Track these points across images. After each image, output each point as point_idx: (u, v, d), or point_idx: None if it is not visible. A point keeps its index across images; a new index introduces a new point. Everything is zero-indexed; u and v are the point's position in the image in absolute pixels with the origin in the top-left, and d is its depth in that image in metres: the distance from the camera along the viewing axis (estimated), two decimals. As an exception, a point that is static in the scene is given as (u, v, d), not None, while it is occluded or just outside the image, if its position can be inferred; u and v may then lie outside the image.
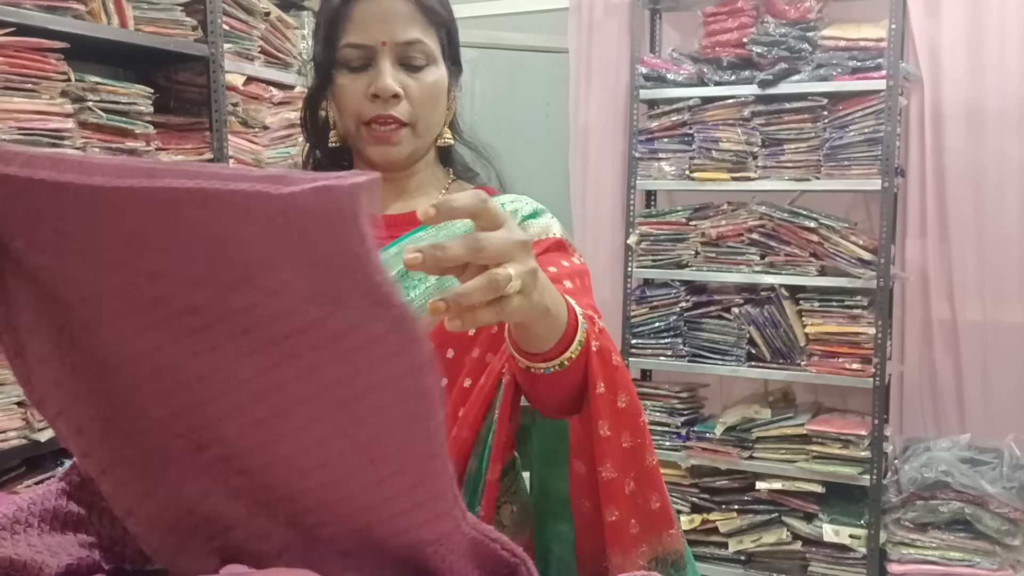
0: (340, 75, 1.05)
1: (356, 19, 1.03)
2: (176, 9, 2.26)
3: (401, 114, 1.04)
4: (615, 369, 0.89)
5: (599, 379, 0.88)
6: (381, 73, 1.02)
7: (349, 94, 1.04)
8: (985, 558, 2.65)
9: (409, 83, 1.04)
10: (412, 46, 1.03)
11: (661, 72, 3.09)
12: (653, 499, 0.97)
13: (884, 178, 2.76)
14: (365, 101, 1.03)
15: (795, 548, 2.94)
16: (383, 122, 1.04)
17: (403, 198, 1.12)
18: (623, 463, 0.93)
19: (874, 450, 2.79)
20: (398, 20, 1.02)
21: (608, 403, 0.90)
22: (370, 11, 1.02)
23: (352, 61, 1.04)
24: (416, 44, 1.03)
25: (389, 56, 1.03)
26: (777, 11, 2.89)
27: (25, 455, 1.91)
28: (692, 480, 3.08)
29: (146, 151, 2.18)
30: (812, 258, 2.87)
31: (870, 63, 2.78)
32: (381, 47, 1.02)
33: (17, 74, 1.89)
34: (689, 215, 3.09)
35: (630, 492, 0.94)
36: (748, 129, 2.95)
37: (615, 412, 0.91)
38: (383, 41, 1.02)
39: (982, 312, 2.89)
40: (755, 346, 2.98)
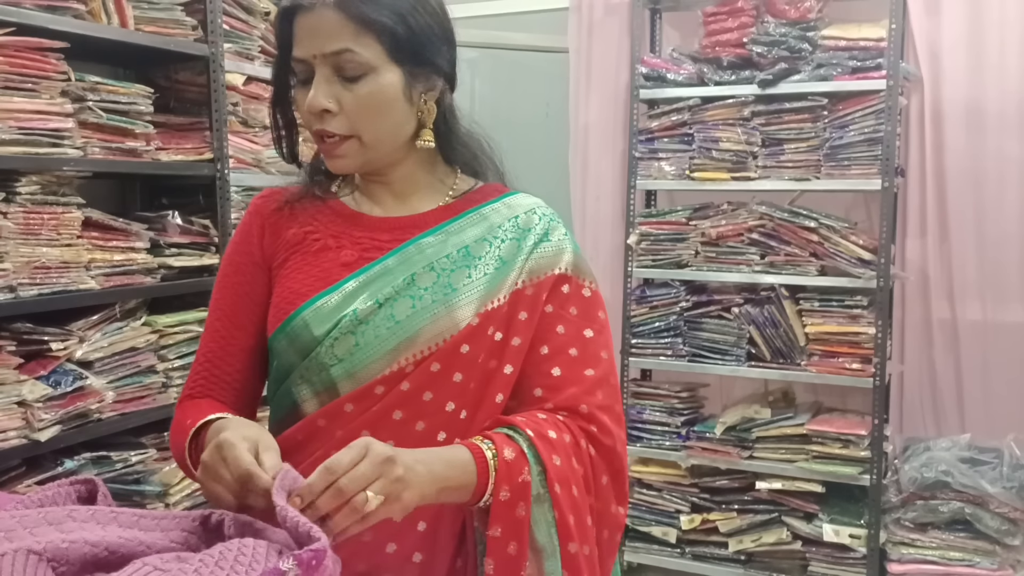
0: (294, 87, 1.07)
1: (297, 33, 1.02)
2: (176, 9, 2.26)
3: (338, 128, 1.03)
4: (516, 520, 0.96)
5: (497, 524, 0.96)
6: (313, 89, 1.02)
7: (299, 107, 1.06)
8: (985, 558, 2.65)
9: (344, 95, 1.02)
10: (341, 56, 1.00)
11: (661, 72, 3.09)
12: None
13: (884, 178, 2.76)
14: (308, 115, 1.04)
15: (795, 548, 2.94)
16: (324, 136, 1.04)
17: (401, 198, 1.12)
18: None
19: (874, 450, 2.79)
20: (324, 32, 1.00)
21: (499, 546, 0.96)
22: (305, 24, 1.01)
23: (300, 74, 1.04)
24: (344, 54, 1.00)
25: (323, 69, 1.01)
26: (777, 11, 2.89)
27: (25, 455, 1.91)
28: (692, 480, 3.08)
29: (146, 151, 2.18)
30: (812, 258, 2.87)
31: (870, 63, 2.78)
32: (313, 60, 1.02)
33: (17, 74, 1.89)
34: (689, 215, 3.09)
35: None
36: (748, 129, 2.95)
37: (505, 557, 0.96)
38: (313, 54, 1.01)
39: (982, 312, 2.89)
40: (755, 346, 2.98)
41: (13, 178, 1.91)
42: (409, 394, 1.02)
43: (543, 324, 1.06)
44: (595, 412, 1.03)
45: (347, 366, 1.03)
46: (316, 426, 1.04)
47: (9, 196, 1.90)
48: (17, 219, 1.90)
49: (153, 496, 2.15)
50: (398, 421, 1.02)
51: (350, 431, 1.00)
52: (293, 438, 1.05)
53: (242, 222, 1.18)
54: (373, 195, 1.13)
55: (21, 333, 1.93)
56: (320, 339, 1.03)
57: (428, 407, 1.02)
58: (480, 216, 1.11)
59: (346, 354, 1.03)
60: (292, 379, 1.06)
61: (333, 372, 1.03)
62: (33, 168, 1.93)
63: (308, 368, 1.05)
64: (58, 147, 1.96)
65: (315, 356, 1.04)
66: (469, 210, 1.11)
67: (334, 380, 1.03)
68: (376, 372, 1.02)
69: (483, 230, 1.09)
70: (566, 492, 0.98)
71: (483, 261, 1.07)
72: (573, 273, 1.10)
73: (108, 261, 2.10)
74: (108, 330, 2.10)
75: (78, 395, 1.99)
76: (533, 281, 1.07)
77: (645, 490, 3.15)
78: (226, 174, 2.39)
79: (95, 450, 2.06)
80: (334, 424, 1.03)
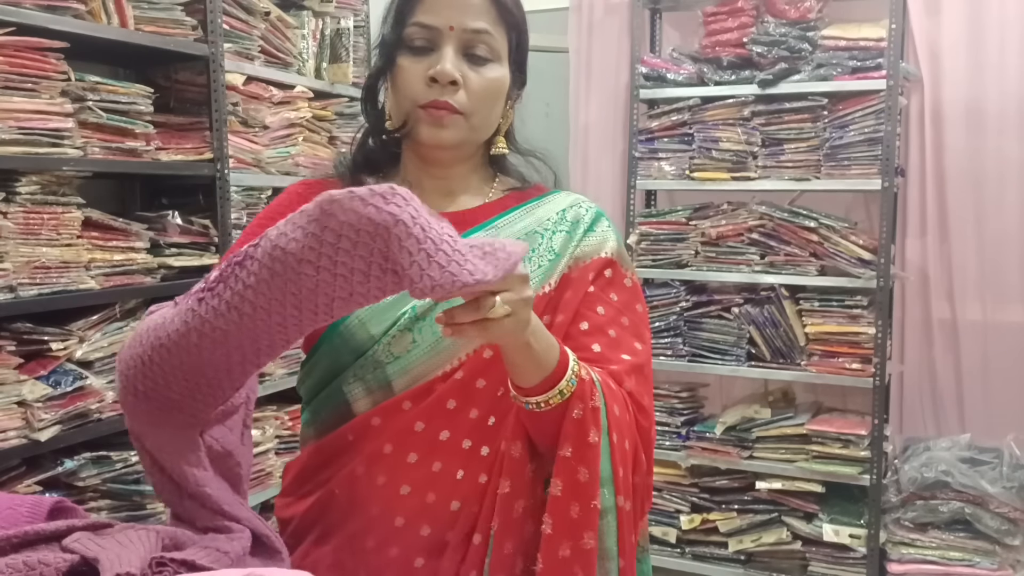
0: (402, 56, 1.04)
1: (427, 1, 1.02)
2: (176, 9, 2.26)
3: (457, 102, 1.02)
4: (588, 445, 0.95)
5: (567, 443, 0.96)
6: (442, 58, 1.01)
7: (408, 75, 1.03)
8: (985, 558, 2.65)
9: (469, 74, 1.03)
10: (479, 36, 1.02)
11: (661, 72, 3.09)
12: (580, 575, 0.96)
13: (884, 178, 2.76)
14: (422, 84, 1.02)
15: (795, 548, 2.94)
16: (438, 107, 1.03)
17: (451, 195, 1.12)
18: (563, 528, 0.96)
19: (874, 450, 2.79)
20: (469, 8, 1.02)
21: (568, 468, 0.96)
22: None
23: (416, 41, 1.03)
24: (483, 35, 1.02)
25: (454, 42, 1.02)
26: (777, 11, 2.89)
27: (25, 455, 1.91)
28: (692, 480, 3.09)
29: (146, 151, 2.18)
30: (812, 258, 2.87)
31: (870, 63, 2.78)
32: (448, 31, 1.01)
33: (17, 73, 1.89)
34: (689, 215, 3.09)
35: (562, 557, 0.95)
36: (748, 129, 2.95)
37: (572, 481, 0.96)
38: (451, 26, 1.01)
39: (982, 312, 2.89)
40: (755, 346, 2.98)
41: (13, 178, 1.91)
42: (462, 382, 1.02)
43: (585, 302, 1.07)
44: (634, 393, 1.03)
45: (404, 363, 1.03)
46: (370, 425, 1.03)
47: (9, 196, 1.90)
48: (17, 219, 1.90)
49: (153, 496, 2.15)
50: (452, 410, 1.02)
51: (404, 424, 1.01)
52: (344, 437, 1.05)
53: (278, 201, 1.14)
54: (424, 190, 1.11)
55: (21, 333, 1.93)
56: (377, 337, 1.03)
57: (480, 394, 1.03)
58: (526, 211, 1.12)
59: (403, 352, 1.03)
60: (343, 378, 1.05)
61: (389, 370, 1.03)
62: (33, 168, 1.93)
63: (362, 367, 1.04)
64: (58, 147, 1.96)
65: (371, 354, 1.03)
66: (516, 206, 1.12)
67: (389, 378, 1.03)
68: (435, 369, 1.03)
69: (531, 222, 1.10)
70: (620, 444, 0.98)
71: (537, 253, 1.08)
72: (617, 259, 1.12)
73: (108, 261, 2.10)
74: (108, 330, 2.10)
75: (78, 395, 1.99)
76: (579, 265, 1.09)
77: (645, 490, 3.14)
78: (226, 174, 2.39)
79: (95, 450, 2.06)
80: (390, 421, 1.03)
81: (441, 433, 1.02)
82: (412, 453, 1.02)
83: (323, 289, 0.77)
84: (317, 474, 1.07)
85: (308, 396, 1.12)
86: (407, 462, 1.02)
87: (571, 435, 0.95)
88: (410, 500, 1.01)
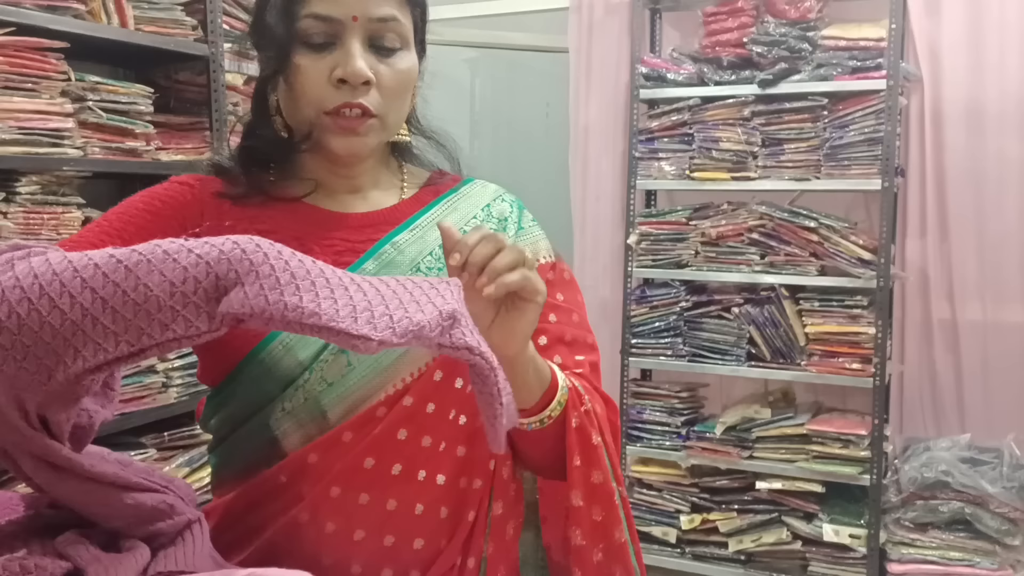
0: (298, 54, 0.89)
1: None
2: (176, 9, 2.26)
3: (371, 103, 0.90)
4: (593, 448, 0.93)
5: (575, 453, 0.92)
6: (350, 55, 0.88)
7: (309, 77, 0.89)
8: (985, 558, 2.65)
9: (380, 68, 0.90)
10: (386, 24, 0.90)
11: (661, 72, 3.09)
12: (618, 573, 0.96)
13: (884, 178, 2.76)
14: (328, 87, 0.89)
15: (795, 548, 2.94)
16: (348, 110, 0.90)
17: (361, 193, 1.00)
18: (593, 534, 0.94)
19: (874, 450, 2.79)
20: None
21: (583, 476, 0.93)
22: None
23: (313, 36, 0.89)
24: (390, 22, 0.90)
25: (359, 34, 0.89)
26: (777, 11, 2.89)
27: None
28: (692, 480, 3.08)
29: (146, 151, 2.18)
30: (812, 258, 2.87)
31: (870, 63, 2.78)
32: (351, 23, 0.88)
33: (17, 74, 1.89)
34: (689, 215, 3.09)
35: (597, 562, 0.95)
36: (748, 129, 2.95)
37: (589, 486, 0.93)
38: (354, 16, 0.88)
39: (982, 312, 2.89)
40: (755, 346, 2.98)
41: (13, 178, 1.91)
42: (412, 409, 0.90)
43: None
44: (599, 388, 1.00)
45: (340, 390, 0.89)
46: (306, 463, 0.89)
47: (9, 196, 1.90)
48: (17, 219, 1.90)
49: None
50: (403, 441, 0.90)
51: (350, 461, 0.88)
52: (275, 479, 0.90)
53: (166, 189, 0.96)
54: (331, 190, 0.98)
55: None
56: (307, 364, 0.89)
57: (431, 419, 0.91)
58: (448, 206, 1.00)
59: (337, 377, 0.89)
60: (268, 412, 0.90)
61: (323, 400, 0.89)
62: (33, 168, 1.93)
63: (291, 398, 0.89)
64: (58, 147, 1.96)
65: (300, 383, 0.89)
66: (434, 201, 1.00)
67: (324, 409, 0.89)
68: (375, 392, 0.90)
69: (457, 220, 0.99)
70: (609, 441, 0.96)
71: None
72: (555, 259, 1.03)
73: (108, 261, 2.10)
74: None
75: (78, 395, 1.99)
76: None
77: (645, 490, 3.15)
78: (226, 174, 2.39)
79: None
80: (330, 456, 0.89)
81: (393, 467, 0.90)
82: (363, 494, 0.89)
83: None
84: (244, 520, 0.92)
85: (221, 433, 0.96)
86: (358, 504, 0.89)
87: (576, 444, 0.92)
88: (367, 545, 0.89)
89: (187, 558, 0.75)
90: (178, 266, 0.65)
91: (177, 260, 0.65)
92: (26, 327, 0.64)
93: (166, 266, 0.65)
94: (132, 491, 0.75)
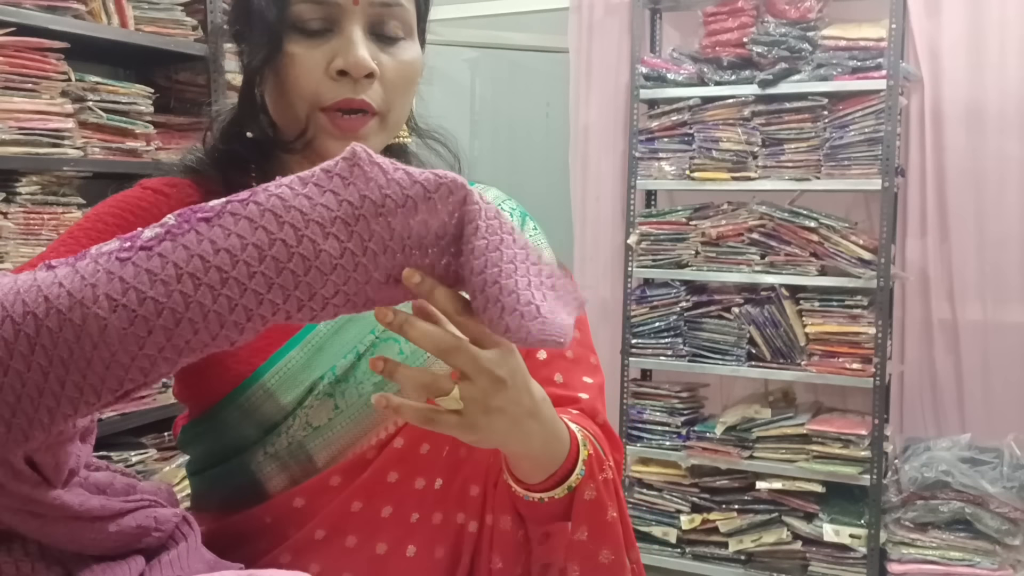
0: (291, 41, 0.79)
1: None
2: (176, 9, 2.26)
3: (373, 99, 0.80)
4: (606, 524, 0.79)
5: (583, 526, 0.78)
6: (352, 42, 0.78)
7: (304, 68, 0.79)
8: (985, 558, 2.65)
9: (382, 59, 0.81)
10: (390, 9, 0.80)
11: (661, 72, 3.08)
12: None
13: (884, 178, 2.76)
14: (325, 79, 0.79)
15: (795, 548, 2.94)
16: (349, 108, 0.80)
17: None
18: None
19: (874, 450, 2.79)
20: None
21: (586, 552, 0.79)
22: None
23: (308, 22, 0.79)
24: (395, 8, 0.80)
25: (360, 20, 0.79)
26: (777, 11, 2.89)
27: (25, 455, 1.91)
28: (692, 480, 3.08)
29: (146, 151, 2.18)
30: (812, 258, 2.87)
31: (870, 63, 2.78)
32: (351, 7, 0.78)
33: (17, 74, 1.89)
34: (689, 215, 3.09)
35: None
36: (748, 129, 2.95)
37: (595, 565, 0.79)
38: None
39: (982, 312, 2.89)
40: (755, 346, 2.98)
41: (13, 178, 1.91)
42: (403, 452, 0.83)
43: None
44: (607, 424, 0.88)
45: (326, 436, 0.83)
46: (291, 507, 0.83)
47: (9, 196, 1.90)
48: (17, 219, 1.90)
49: (153, 496, 2.15)
50: (393, 483, 0.83)
51: (339, 504, 0.82)
52: (258, 519, 0.84)
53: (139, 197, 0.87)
54: None
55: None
56: (290, 409, 0.82)
57: (425, 460, 0.84)
58: None
59: (323, 421, 0.83)
60: (250, 454, 0.84)
61: (309, 445, 0.83)
62: (33, 168, 1.93)
63: (273, 442, 0.83)
64: (58, 147, 1.96)
65: (284, 428, 0.82)
66: None
67: (310, 453, 0.83)
68: (365, 437, 0.83)
69: None
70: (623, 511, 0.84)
71: None
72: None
73: (108, 261, 2.10)
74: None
75: (78, 395, 1.99)
76: None
77: (645, 490, 3.15)
78: (226, 174, 2.39)
79: (95, 450, 2.04)
80: (317, 502, 0.82)
81: (383, 510, 0.83)
82: (350, 536, 0.82)
83: (336, 274, 0.58)
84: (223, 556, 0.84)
85: (198, 464, 0.90)
86: (345, 547, 0.82)
87: (585, 517, 0.78)
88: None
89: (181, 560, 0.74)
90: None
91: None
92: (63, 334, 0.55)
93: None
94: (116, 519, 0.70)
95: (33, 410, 0.57)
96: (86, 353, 0.56)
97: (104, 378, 0.57)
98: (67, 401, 0.57)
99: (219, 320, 0.57)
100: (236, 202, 0.58)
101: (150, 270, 0.56)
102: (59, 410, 0.58)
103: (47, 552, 0.70)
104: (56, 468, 0.65)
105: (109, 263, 0.56)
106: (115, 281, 0.55)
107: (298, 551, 0.82)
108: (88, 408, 0.59)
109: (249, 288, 0.57)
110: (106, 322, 0.55)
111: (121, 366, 0.57)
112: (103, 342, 0.56)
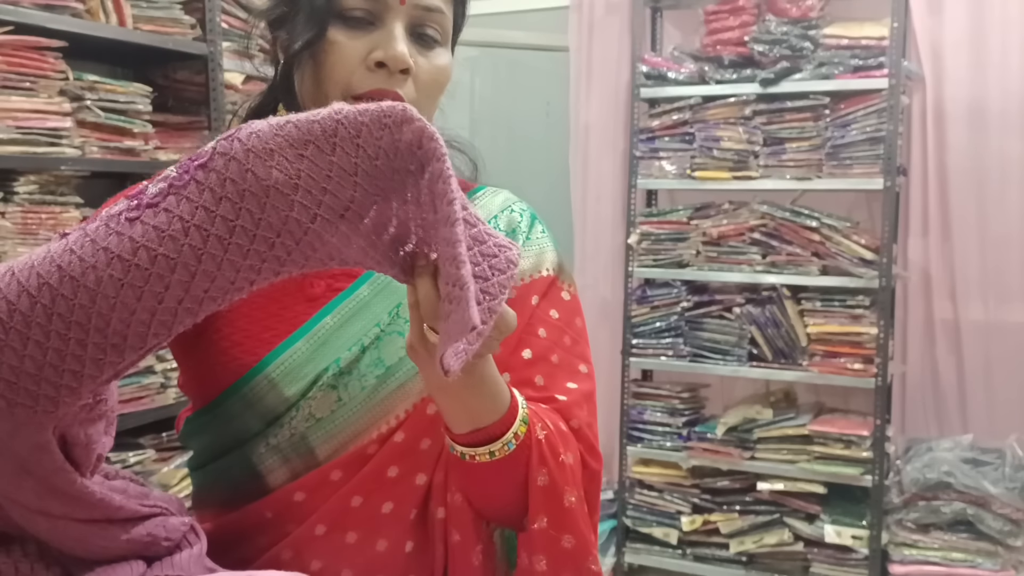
0: (334, 28, 0.82)
1: None
2: (175, 7, 2.25)
3: (406, 94, 0.83)
4: (565, 511, 0.80)
5: (541, 514, 0.80)
6: (393, 37, 0.82)
7: (343, 54, 0.82)
8: (987, 559, 2.64)
9: (419, 60, 0.84)
10: (431, 14, 0.84)
11: (662, 71, 3.08)
12: None
13: (886, 177, 2.75)
14: (362, 68, 0.82)
15: (797, 549, 2.93)
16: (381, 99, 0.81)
17: None
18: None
19: (876, 451, 2.78)
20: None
21: (548, 540, 0.81)
22: None
23: (353, 12, 0.82)
24: (436, 14, 0.84)
25: (403, 19, 0.83)
26: (779, 9, 2.88)
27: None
28: (693, 481, 3.08)
29: (144, 150, 2.18)
30: (814, 257, 2.86)
31: (872, 61, 2.77)
32: (397, 5, 0.82)
33: (15, 73, 1.89)
34: (690, 214, 3.08)
35: None
36: (749, 128, 2.94)
37: (559, 551, 0.81)
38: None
39: (984, 312, 2.89)
40: (756, 346, 2.97)
41: (11, 178, 1.91)
42: (404, 446, 0.84)
43: (526, 325, 0.90)
44: (584, 429, 0.88)
45: (329, 428, 0.84)
46: (292, 501, 0.84)
47: (7, 196, 1.90)
48: (15, 219, 1.89)
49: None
50: (394, 478, 0.84)
51: (339, 499, 0.83)
52: (259, 514, 0.85)
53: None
54: None
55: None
56: (293, 400, 0.83)
57: (425, 456, 0.85)
58: None
59: (326, 413, 0.84)
60: (251, 446, 0.85)
61: (311, 437, 0.84)
62: (31, 167, 1.92)
63: (276, 434, 0.84)
64: (56, 146, 1.96)
65: (286, 419, 0.84)
66: None
67: (311, 445, 0.84)
68: (367, 430, 0.84)
69: None
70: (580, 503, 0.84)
71: None
72: (557, 273, 0.95)
73: (106, 261, 2.09)
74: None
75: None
76: (519, 284, 0.91)
77: (646, 491, 3.14)
78: (225, 173, 2.39)
79: (93, 451, 2.05)
80: (318, 497, 0.83)
81: (384, 506, 0.84)
82: (351, 532, 0.83)
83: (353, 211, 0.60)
84: (225, 554, 0.85)
85: (200, 458, 0.91)
86: (345, 543, 0.83)
87: (542, 504, 0.80)
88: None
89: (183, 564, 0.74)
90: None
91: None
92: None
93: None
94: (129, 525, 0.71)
95: (58, 376, 0.58)
96: (104, 315, 0.57)
97: (126, 335, 0.58)
98: (91, 363, 0.58)
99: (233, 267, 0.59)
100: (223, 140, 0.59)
101: (157, 227, 0.57)
102: (84, 372, 0.59)
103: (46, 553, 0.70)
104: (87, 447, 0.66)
105: (119, 224, 0.57)
106: (125, 241, 0.56)
107: (299, 547, 0.83)
108: (113, 368, 0.60)
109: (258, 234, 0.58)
110: (122, 283, 0.56)
111: (142, 323, 0.58)
112: (120, 303, 0.57)
